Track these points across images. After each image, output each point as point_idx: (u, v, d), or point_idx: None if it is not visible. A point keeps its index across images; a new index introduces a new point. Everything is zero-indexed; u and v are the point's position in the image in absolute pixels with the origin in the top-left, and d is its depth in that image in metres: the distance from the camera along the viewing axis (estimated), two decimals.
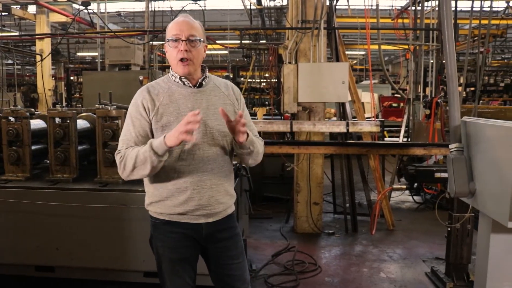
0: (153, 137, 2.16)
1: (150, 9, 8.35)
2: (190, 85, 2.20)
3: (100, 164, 3.78)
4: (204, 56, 2.24)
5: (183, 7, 6.45)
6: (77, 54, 15.46)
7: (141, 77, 4.25)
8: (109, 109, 3.80)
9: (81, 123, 4.04)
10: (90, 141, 4.10)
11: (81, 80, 11.25)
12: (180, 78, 2.20)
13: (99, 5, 10.16)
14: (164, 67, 14.52)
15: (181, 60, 2.13)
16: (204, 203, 2.17)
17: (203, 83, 2.23)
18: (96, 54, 10.60)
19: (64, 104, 7.96)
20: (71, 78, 14.84)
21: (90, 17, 8.28)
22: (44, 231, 3.65)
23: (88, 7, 6.47)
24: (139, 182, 3.71)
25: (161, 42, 12.98)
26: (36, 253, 3.68)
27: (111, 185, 3.71)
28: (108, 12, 12.03)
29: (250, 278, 3.83)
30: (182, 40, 2.12)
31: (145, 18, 9.07)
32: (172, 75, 2.23)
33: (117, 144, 3.70)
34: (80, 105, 9.77)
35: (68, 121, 3.79)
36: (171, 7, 9.07)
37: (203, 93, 2.21)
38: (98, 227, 3.61)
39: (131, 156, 2.09)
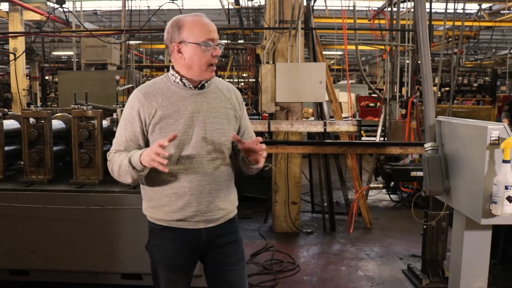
0: (147, 139, 2.08)
1: (127, 8, 8.27)
2: (191, 86, 2.09)
3: (76, 165, 3.72)
4: None
5: (160, 6, 6.40)
6: (53, 53, 15.19)
7: (117, 77, 4.19)
8: (85, 109, 3.75)
9: (56, 124, 3.97)
10: (65, 142, 4.04)
11: (57, 79, 11.05)
12: (181, 79, 2.08)
13: (75, 3, 10.02)
14: (141, 67, 14.41)
15: (211, 65, 2.05)
16: (203, 209, 2.09)
17: (205, 84, 2.12)
18: (72, 53, 10.45)
19: (39, 104, 7.82)
20: (46, 77, 14.59)
21: (65, 15, 8.16)
22: (18, 234, 3.58)
23: (63, 5, 6.36)
24: (116, 183, 3.69)
25: (138, 42, 12.89)
26: (10, 257, 3.60)
27: (87, 186, 3.66)
28: (84, 11, 11.90)
29: None
30: (216, 45, 2.04)
31: (121, 17, 8.98)
32: (173, 75, 2.10)
33: (93, 145, 3.72)
34: (55, 105, 9.60)
35: (43, 121, 3.72)
36: (148, 6, 8.98)
37: (204, 95, 2.11)
38: (74, 229, 3.55)
39: (116, 163, 2.04)
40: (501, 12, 12.98)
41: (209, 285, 2.29)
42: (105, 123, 3.81)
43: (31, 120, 3.73)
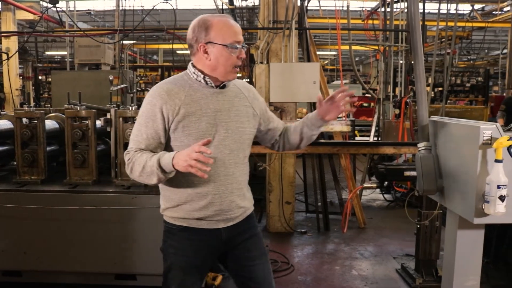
0: (168, 138, 2.05)
1: (120, 8, 8.24)
2: (213, 85, 2.09)
3: (70, 165, 3.71)
4: None
5: (154, 6, 6.39)
6: (46, 53, 15.11)
7: (111, 77, 4.17)
8: (78, 109, 3.74)
9: (50, 124, 3.95)
10: (59, 142, 4.02)
11: (50, 79, 11.00)
12: (204, 78, 2.07)
13: (68, 3, 9.98)
14: (135, 67, 14.38)
15: (235, 66, 2.06)
16: (224, 208, 2.09)
17: (226, 84, 2.13)
18: (65, 53, 10.40)
19: (32, 104, 7.77)
20: (40, 77, 14.50)
21: (58, 15, 8.11)
22: (11, 235, 3.56)
23: (57, 5, 6.33)
24: (110, 184, 3.70)
25: (132, 42, 12.85)
26: (2, 258, 3.58)
27: (80, 187, 3.65)
28: (77, 11, 11.85)
29: (223, 278, 3.84)
30: (242, 47, 2.05)
31: (115, 17, 8.96)
32: (194, 73, 2.09)
33: (87, 145, 3.71)
34: (49, 105, 9.55)
35: (36, 121, 3.71)
36: (142, 6, 8.96)
37: (225, 94, 2.11)
38: (67, 230, 3.54)
39: (139, 163, 1.98)
40: (493, 13, 13.08)
41: (236, 284, 2.30)
42: (99, 123, 3.79)
43: (24, 120, 3.72)
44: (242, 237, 2.19)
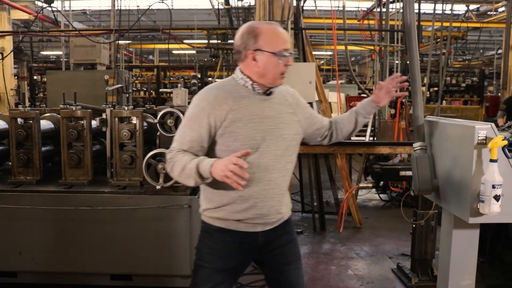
0: (212, 141, 2.08)
1: (116, 8, 8.21)
2: (260, 92, 2.11)
3: (65, 165, 3.70)
4: None
5: (149, 6, 6.38)
6: (41, 53, 15.06)
7: (107, 77, 4.16)
8: (74, 109, 3.73)
9: (45, 124, 3.94)
10: (54, 142, 4.01)
11: (45, 79, 10.96)
12: (252, 84, 2.10)
13: (63, 2, 9.95)
14: (131, 67, 14.35)
15: (283, 73, 2.09)
16: (264, 213, 2.11)
17: (273, 91, 2.16)
18: (60, 53, 10.37)
19: (27, 104, 7.74)
20: (35, 77, 14.45)
21: (54, 15, 8.08)
22: (6, 235, 3.54)
23: (52, 5, 6.31)
24: (105, 184, 3.69)
25: (128, 42, 12.83)
26: None
27: (76, 187, 3.64)
28: (73, 10, 11.80)
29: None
30: (290, 54, 2.09)
31: (111, 17, 8.93)
32: (242, 78, 2.11)
33: (82, 145, 3.70)
34: (44, 105, 9.52)
35: (31, 121, 3.69)
36: (137, 6, 8.95)
37: (271, 101, 2.14)
38: (63, 230, 3.53)
39: (179, 164, 2.01)
40: (488, 13, 13.13)
41: (269, 285, 2.34)
42: (94, 123, 3.79)
43: (19, 120, 3.70)
44: (279, 242, 2.22)
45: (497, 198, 2.19)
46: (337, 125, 2.40)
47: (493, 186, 2.18)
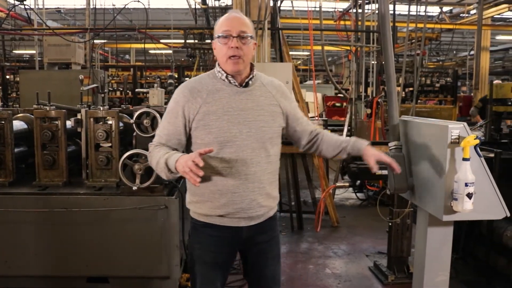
0: (189, 135, 2.13)
1: (91, 6, 8.09)
2: (236, 84, 2.12)
3: (39, 166, 3.62)
4: (254, 54, 2.19)
5: (125, 5, 6.31)
6: (13, 51, 14.73)
7: (81, 77, 4.10)
8: (47, 109, 3.65)
9: (18, 124, 3.84)
10: (27, 143, 3.92)
11: (18, 79, 10.72)
12: (226, 76, 2.11)
13: (37, 0, 9.74)
14: (107, 66, 14.16)
15: (231, 57, 2.05)
16: (245, 206, 2.12)
17: (250, 82, 2.15)
18: (34, 52, 10.16)
19: (0, 104, 7.58)
20: (7, 77, 14.11)
21: (27, 12, 7.92)
22: None
23: (24, 2, 6.18)
24: (81, 185, 3.63)
25: (103, 41, 12.65)
26: None
27: (51, 189, 3.57)
28: (46, 9, 11.56)
29: None
30: (233, 37, 2.04)
31: (86, 16, 8.80)
32: (219, 71, 2.14)
33: (57, 146, 3.64)
34: (17, 106, 9.32)
35: (3, 122, 3.60)
36: (113, 5, 8.84)
37: (249, 93, 2.14)
38: (37, 232, 3.46)
39: (155, 158, 2.09)
40: (461, 15, 13.40)
41: (245, 276, 2.37)
42: (69, 123, 3.72)
43: None
44: (262, 237, 2.25)
45: (469, 196, 2.23)
46: (321, 141, 2.35)
47: (466, 184, 2.22)
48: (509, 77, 18.51)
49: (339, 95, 11.61)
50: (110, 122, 3.59)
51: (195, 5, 10.85)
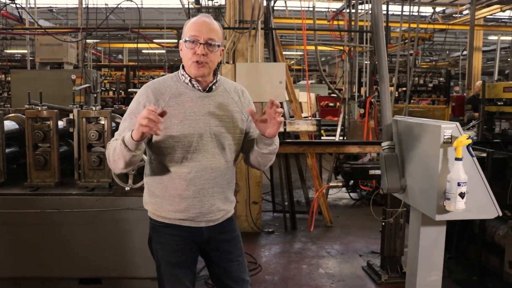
0: (150, 137, 2.05)
1: (83, 6, 8.04)
2: (200, 88, 2.10)
3: (31, 167, 3.60)
4: (219, 60, 2.16)
5: (118, 4, 6.27)
6: (5, 51, 14.62)
7: (73, 76, 4.08)
8: (39, 109, 3.63)
9: (9, 124, 3.82)
10: (19, 144, 3.89)
11: (9, 78, 10.65)
12: (190, 80, 2.09)
13: None
14: (99, 66, 14.09)
15: (196, 62, 2.03)
16: (205, 211, 2.13)
17: (213, 87, 2.13)
18: (25, 51, 10.09)
19: None
20: None
21: (18, 12, 7.86)
22: None
23: (15, 1, 6.13)
24: (73, 186, 3.61)
25: (96, 40, 12.59)
26: None
27: (42, 189, 3.54)
28: (38, 8, 11.50)
29: None
30: (200, 43, 2.01)
31: (78, 15, 8.75)
32: (183, 74, 2.11)
33: (49, 147, 3.62)
34: (8, 106, 9.26)
35: None
36: (106, 4, 8.79)
37: (212, 98, 2.12)
38: (28, 234, 3.44)
39: (112, 147, 2.02)
40: (453, 15, 13.47)
41: (212, 280, 2.36)
42: (61, 123, 3.70)
43: None
44: (222, 237, 2.25)
45: (462, 195, 2.24)
46: (252, 151, 2.22)
47: (459, 184, 2.23)
48: (501, 77, 18.63)
49: (333, 95, 11.63)
50: (102, 122, 3.58)
51: (188, 4, 10.81)
